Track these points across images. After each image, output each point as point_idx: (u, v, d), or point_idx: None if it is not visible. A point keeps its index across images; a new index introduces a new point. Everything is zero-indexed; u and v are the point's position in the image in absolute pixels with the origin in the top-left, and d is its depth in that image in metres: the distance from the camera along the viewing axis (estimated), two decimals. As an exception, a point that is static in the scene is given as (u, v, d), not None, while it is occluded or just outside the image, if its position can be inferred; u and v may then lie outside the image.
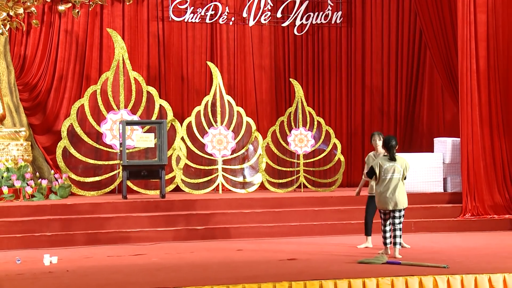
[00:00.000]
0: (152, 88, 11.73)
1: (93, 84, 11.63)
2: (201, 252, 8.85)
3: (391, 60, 13.29)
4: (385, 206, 8.25)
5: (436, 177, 11.48)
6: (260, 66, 12.83)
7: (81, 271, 7.64)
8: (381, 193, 8.23)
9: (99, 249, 9.15)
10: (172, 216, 10.20)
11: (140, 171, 10.81)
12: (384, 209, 8.30)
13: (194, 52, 12.51)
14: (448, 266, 7.53)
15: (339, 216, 10.59)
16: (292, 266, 7.85)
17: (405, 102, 13.33)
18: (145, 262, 8.21)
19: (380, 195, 8.26)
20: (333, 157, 12.40)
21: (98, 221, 9.86)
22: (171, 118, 11.66)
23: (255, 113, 12.72)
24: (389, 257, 8.11)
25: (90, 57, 11.91)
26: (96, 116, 11.51)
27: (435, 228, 10.63)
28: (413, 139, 13.32)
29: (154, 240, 9.69)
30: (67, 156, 11.32)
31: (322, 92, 13.15)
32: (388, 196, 8.17)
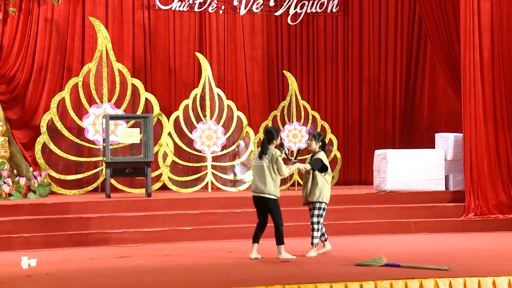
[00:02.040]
0: (137, 80, 11.69)
1: (74, 76, 11.57)
2: (190, 254, 8.83)
3: (389, 51, 13.29)
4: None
5: (438, 175, 11.49)
6: (252, 57, 12.81)
7: (62, 274, 7.60)
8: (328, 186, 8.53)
9: (81, 251, 9.10)
10: (159, 216, 10.17)
11: (125, 168, 10.77)
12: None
13: (182, 43, 12.47)
14: (450, 269, 7.53)
15: (335, 216, 10.58)
16: (285, 268, 7.84)
17: (405, 95, 13.35)
18: (130, 264, 8.18)
19: (328, 188, 8.54)
20: (329, 153, 12.38)
21: (80, 221, 9.82)
22: (158, 112, 11.62)
23: (247, 107, 12.70)
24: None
25: (71, 47, 11.85)
26: (77, 110, 11.46)
27: (436, 229, 10.65)
28: (413, 134, 13.34)
29: (140, 242, 9.67)
30: (47, 153, 11.27)
31: (317, 85, 13.15)
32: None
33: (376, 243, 9.60)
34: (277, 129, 8.54)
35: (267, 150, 8.28)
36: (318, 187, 8.47)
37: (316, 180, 8.49)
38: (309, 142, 8.69)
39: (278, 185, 8.32)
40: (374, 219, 10.66)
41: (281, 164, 8.26)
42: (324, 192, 8.51)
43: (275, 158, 8.25)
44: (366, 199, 11.17)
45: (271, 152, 8.28)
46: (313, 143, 8.62)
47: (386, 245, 9.42)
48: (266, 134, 8.39)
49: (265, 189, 8.26)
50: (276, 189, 8.31)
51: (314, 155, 8.64)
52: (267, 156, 8.27)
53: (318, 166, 8.48)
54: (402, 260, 8.05)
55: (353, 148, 13.24)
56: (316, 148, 8.61)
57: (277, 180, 8.30)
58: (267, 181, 8.24)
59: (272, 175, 8.26)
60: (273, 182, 8.26)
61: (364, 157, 13.24)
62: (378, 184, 11.51)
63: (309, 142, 8.69)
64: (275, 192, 8.29)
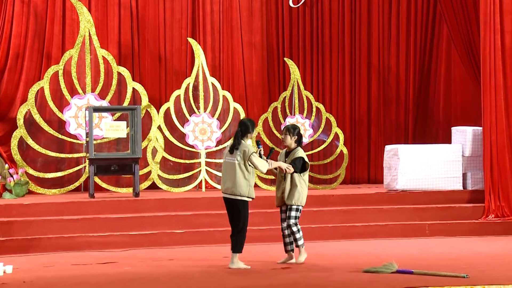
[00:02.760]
0: (123, 68, 11.66)
1: (54, 63, 11.55)
2: (182, 260, 8.83)
3: (401, 36, 13.26)
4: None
5: (454, 173, 11.49)
6: (250, 43, 12.79)
7: (41, 282, 7.59)
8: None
9: (62, 257, 9.10)
10: (147, 218, 10.17)
11: (110, 165, 10.77)
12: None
13: (173, 27, 12.45)
14: (468, 276, 7.53)
15: (341, 218, 10.59)
16: (287, 276, 7.84)
17: (418, 85, 13.33)
18: (116, 271, 8.18)
19: (306, 189, 8.45)
20: (334, 149, 12.39)
21: (61, 223, 9.81)
22: (146, 104, 11.60)
23: (244, 98, 12.69)
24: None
25: (50, 32, 11.82)
26: (58, 101, 11.44)
27: (452, 232, 10.66)
28: (427, 128, 13.33)
29: (126, 246, 9.67)
30: (24, 148, 11.25)
31: (321, 74, 13.13)
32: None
33: (387, 248, 9.60)
34: (253, 121, 8.35)
35: (239, 145, 8.09)
36: (297, 189, 8.32)
37: (295, 181, 8.33)
38: (283, 136, 8.49)
39: (252, 185, 8.12)
40: (384, 221, 10.66)
41: (256, 160, 8.05)
42: (303, 195, 8.39)
43: (248, 155, 8.05)
44: (376, 200, 11.17)
45: (243, 148, 8.08)
46: (288, 137, 8.42)
47: (397, 250, 9.43)
48: (240, 126, 8.22)
49: (236, 190, 8.06)
50: (249, 189, 8.10)
51: (292, 152, 8.44)
52: (239, 152, 8.07)
53: (299, 168, 8.34)
54: (415, 266, 8.05)
55: (361, 143, 13.23)
56: (292, 144, 8.43)
57: (251, 179, 8.10)
58: (238, 181, 8.03)
59: (244, 174, 8.05)
60: (245, 181, 8.06)
61: (373, 153, 13.23)
62: (388, 183, 11.50)
63: (283, 136, 8.49)
64: (247, 193, 8.09)
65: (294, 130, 8.44)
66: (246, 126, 8.19)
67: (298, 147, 8.44)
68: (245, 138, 8.20)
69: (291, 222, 8.38)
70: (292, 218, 8.39)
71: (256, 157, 8.09)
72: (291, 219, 8.38)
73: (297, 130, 8.48)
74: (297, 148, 8.43)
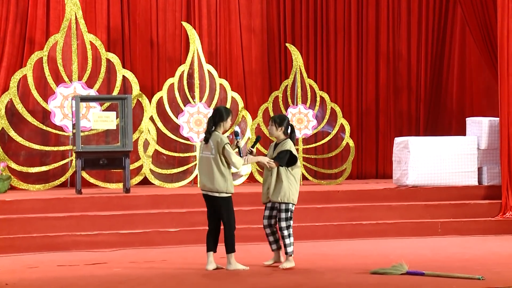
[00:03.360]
0: (113, 55, 11.67)
1: (38, 49, 11.55)
2: (176, 260, 8.84)
3: (412, 20, 13.27)
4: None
5: (469, 167, 11.51)
6: (249, 27, 12.79)
7: (24, 284, 7.61)
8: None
9: (47, 257, 9.11)
10: (139, 215, 10.19)
11: (99, 159, 10.78)
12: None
13: (166, 10, 12.44)
14: (484, 278, 7.56)
15: (347, 215, 10.61)
16: (289, 277, 7.86)
17: (430, 72, 13.34)
18: (105, 273, 8.20)
19: (296, 186, 8.25)
20: (340, 141, 12.40)
21: (46, 221, 9.82)
22: (138, 93, 11.61)
23: (243, 87, 12.70)
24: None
25: (33, 15, 11.83)
26: (42, 90, 11.45)
27: (467, 230, 10.68)
28: (439, 118, 13.35)
29: (116, 246, 9.68)
30: (6, 140, 11.27)
31: (326, 61, 13.14)
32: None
33: (396, 248, 9.62)
34: (228, 109, 8.14)
35: (211, 135, 7.90)
36: (283, 185, 8.10)
37: (280, 177, 8.12)
38: (269, 127, 8.31)
39: (229, 179, 7.97)
40: (394, 219, 10.68)
41: (230, 153, 7.85)
42: (291, 191, 8.14)
43: (221, 146, 7.85)
44: (384, 196, 11.19)
45: (216, 138, 7.89)
46: (273, 128, 8.22)
47: (407, 250, 9.45)
48: (213, 113, 8.01)
49: (213, 186, 7.92)
50: (227, 184, 7.94)
51: (279, 144, 8.25)
52: (212, 145, 7.90)
53: (285, 161, 8.11)
54: (427, 267, 8.07)
55: (368, 135, 13.25)
56: (279, 135, 8.23)
57: (227, 173, 7.93)
58: (214, 176, 7.88)
59: (220, 168, 7.88)
60: (221, 176, 7.89)
61: (381, 146, 13.25)
62: (398, 178, 11.53)
63: (269, 127, 8.31)
64: (225, 189, 7.93)
65: (281, 121, 8.22)
66: (219, 113, 7.95)
67: (288, 139, 8.23)
68: (219, 128, 7.97)
69: (281, 225, 8.16)
70: (282, 221, 8.16)
71: (228, 149, 7.86)
72: (281, 222, 8.17)
73: (285, 121, 8.25)
74: (285, 140, 8.22)
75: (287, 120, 8.29)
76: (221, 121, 7.97)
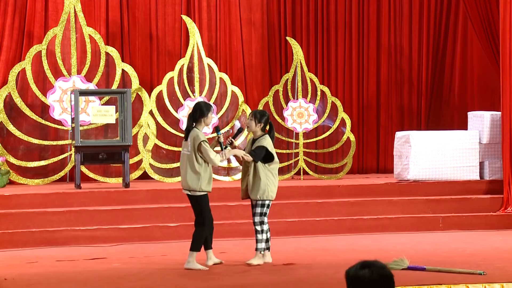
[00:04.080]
0: (112, 48, 11.66)
1: (36, 43, 11.54)
2: (175, 256, 8.85)
3: (413, 13, 13.26)
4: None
5: (471, 161, 11.52)
6: (249, 21, 12.78)
7: (23, 279, 7.62)
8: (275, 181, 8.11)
9: (46, 252, 9.12)
10: (138, 210, 10.20)
11: (98, 153, 10.78)
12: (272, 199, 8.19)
13: (165, 3, 12.43)
14: (485, 273, 7.56)
15: (348, 210, 10.62)
16: (289, 272, 7.87)
17: (432, 66, 13.33)
18: (105, 267, 8.22)
19: (275, 182, 8.11)
20: (340, 136, 12.40)
21: (45, 216, 9.84)
22: (137, 87, 11.61)
23: (243, 81, 12.69)
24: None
25: (32, 8, 11.81)
26: (41, 83, 11.45)
27: (468, 225, 10.69)
28: (441, 112, 13.34)
29: (116, 241, 9.70)
30: (4, 135, 11.27)
31: (327, 54, 13.13)
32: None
33: (397, 243, 9.63)
34: (208, 104, 8.02)
35: (189, 131, 7.78)
36: (261, 182, 7.97)
37: (258, 173, 7.98)
38: (248, 122, 8.15)
39: (206, 177, 7.78)
40: (395, 214, 10.69)
41: (207, 150, 7.70)
42: (269, 188, 8.02)
43: (197, 142, 7.70)
44: (385, 190, 11.20)
45: (193, 135, 7.75)
46: (253, 123, 8.07)
47: (408, 245, 9.46)
48: (193, 110, 7.88)
49: (187, 184, 7.80)
50: (203, 182, 7.77)
51: (257, 140, 8.11)
52: (189, 141, 7.76)
53: (260, 157, 7.97)
54: (428, 262, 8.08)
55: (369, 129, 13.24)
56: (257, 131, 8.08)
57: (203, 170, 7.76)
58: (187, 173, 7.76)
59: (194, 165, 7.73)
60: (195, 174, 7.74)
61: (382, 140, 13.25)
62: (399, 173, 11.53)
63: (248, 122, 8.15)
64: (200, 187, 7.77)
65: (261, 116, 8.08)
66: (199, 109, 7.81)
67: (266, 135, 8.09)
68: (199, 124, 7.83)
69: (255, 220, 8.07)
70: (256, 216, 8.07)
71: (204, 146, 7.72)
72: (256, 217, 8.07)
73: (265, 117, 8.11)
74: (263, 136, 8.07)
75: (266, 117, 8.15)
76: (202, 117, 7.82)
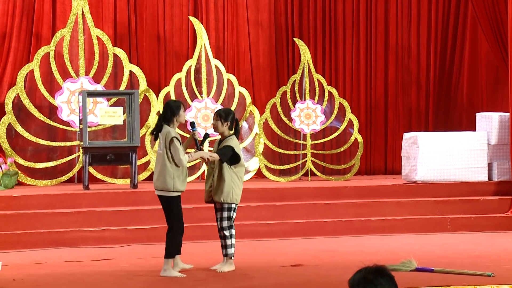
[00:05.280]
0: (120, 50, 11.69)
1: (44, 44, 11.58)
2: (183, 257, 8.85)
3: (422, 14, 13.25)
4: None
5: (479, 162, 11.51)
6: (257, 22, 12.80)
7: (32, 280, 7.65)
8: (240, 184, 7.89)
9: (54, 253, 9.16)
10: (146, 211, 10.21)
11: (106, 154, 10.80)
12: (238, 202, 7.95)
13: (173, 4, 12.46)
14: (494, 274, 7.56)
15: (356, 212, 10.63)
16: (297, 273, 7.88)
17: (440, 67, 13.33)
18: (113, 269, 8.24)
19: (240, 185, 7.89)
20: (348, 137, 12.41)
21: (53, 217, 9.86)
22: (145, 88, 11.63)
23: (250, 82, 12.71)
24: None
25: (40, 9, 11.85)
26: (49, 85, 11.48)
27: (477, 227, 10.68)
28: (449, 113, 13.33)
29: (124, 242, 9.73)
30: (13, 136, 11.30)
31: (334, 55, 13.13)
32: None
33: (405, 244, 9.64)
34: (178, 101, 7.89)
35: (159, 130, 7.56)
36: (225, 184, 7.74)
37: (223, 175, 7.75)
38: (214, 122, 7.94)
39: (179, 176, 7.60)
40: (403, 215, 10.69)
41: (176, 149, 7.50)
42: (234, 191, 7.79)
43: (168, 138, 7.49)
44: (393, 192, 11.20)
45: (165, 132, 7.54)
46: (219, 123, 7.85)
47: (416, 246, 9.46)
48: (164, 110, 7.70)
49: (159, 183, 7.59)
50: (176, 182, 7.58)
51: (224, 140, 7.92)
52: (161, 139, 7.56)
53: (227, 157, 7.74)
54: (436, 264, 8.08)
55: (377, 130, 13.24)
56: (224, 131, 7.88)
57: (175, 169, 7.56)
58: (161, 172, 7.55)
59: (167, 164, 7.54)
60: (169, 173, 7.53)
61: (390, 142, 13.25)
62: (407, 174, 11.53)
63: (214, 122, 7.94)
64: (172, 187, 7.58)
65: (227, 115, 7.86)
66: (170, 108, 7.62)
67: (233, 136, 7.88)
68: (171, 123, 7.62)
69: (223, 225, 7.85)
70: (224, 220, 7.85)
71: (175, 144, 7.50)
72: (223, 221, 7.85)
73: (231, 115, 7.89)
74: (230, 137, 7.87)
75: (232, 115, 7.94)
76: (174, 116, 7.62)
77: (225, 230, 7.87)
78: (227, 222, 7.88)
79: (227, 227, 7.87)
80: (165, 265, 7.70)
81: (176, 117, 7.65)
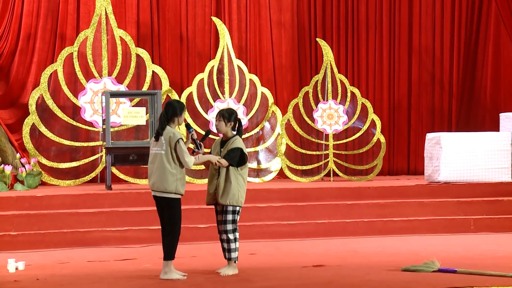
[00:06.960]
0: (142, 50, 11.73)
1: (68, 45, 11.64)
2: (205, 257, 8.87)
3: (445, 15, 13.19)
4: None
5: (503, 163, 11.43)
6: (279, 22, 12.79)
7: (55, 280, 7.68)
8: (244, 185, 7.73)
9: (77, 253, 9.19)
10: (168, 211, 10.22)
11: (129, 155, 10.83)
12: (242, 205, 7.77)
13: (195, 5, 12.48)
14: (517, 275, 7.51)
15: (378, 212, 10.59)
16: (319, 274, 7.86)
17: (463, 68, 13.26)
18: (135, 268, 8.25)
19: (244, 187, 7.73)
20: (371, 137, 12.37)
21: (76, 217, 9.90)
22: (167, 89, 11.66)
23: (273, 82, 12.71)
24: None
25: (64, 10, 11.92)
26: (72, 85, 11.54)
27: (500, 227, 10.61)
28: (472, 114, 13.26)
29: (146, 242, 9.74)
30: (37, 136, 11.37)
31: (357, 56, 13.10)
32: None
33: (428, 245, 9.59)
34: (182, 103, 7.63)
35: (163, 130, 7.40)
36: (232, 186, 7.57)
37: (230, 177, 7.58)
38: (217, 122, 7.71)
39: (181, 178, 7.45)
40: (425, 216, 10.64)
41: (183, 151, 7.35)
42: (239, 193, 7.63)
43: (174, 141, 7.35)
44: (416, 192, 11.15)
45: (169, 133, 7.39)
46: (222, 124, 7.65)
47: (439, 247, 9.41)
48: (166, 108, 7.48)
49: (161, 185, 7.41)
50: (178, 184, 7.43)
51: (228, 141, 7.69)
52: (163, 140, 7.39)
53: (236, 160, 7.58)
54: (459, 265, 8.04)
55: (400, 131, 13.20)
56: (227, 131, 7.69)
57: (179, 171, 7.43)
58: (164, 174, 7.37)
59: (171, 166, 7.38)
60: (172, 175, 7.39)
61: (413, 142, 13.20)
62: (430, 174, 11.47)
63: (217, 122, 7.71)
64: (176, 189, 7.43)
65: (230, 115, 7.68)
66: (172, 108, 7.45)
67: (237, 136, 7.71)
68: (172, 123, 7.47)
69: (227, 228, 7.65)
70: (228, 223, 7.65)
71: (181, 146, 7.37)
72: (228, 224, 7.65)
73: (234, 115, 7.72)
74: (234, 137, 7.68)
75: (235, 115, 7.77)
76: (175, 116, 7.47)
77: (229, 234, 7.69)
78: (231, 225, 7.69)
79: (232, 230, 7.69)
80: (166, 267, 7.63)
81: (177, 118, 7.52)
